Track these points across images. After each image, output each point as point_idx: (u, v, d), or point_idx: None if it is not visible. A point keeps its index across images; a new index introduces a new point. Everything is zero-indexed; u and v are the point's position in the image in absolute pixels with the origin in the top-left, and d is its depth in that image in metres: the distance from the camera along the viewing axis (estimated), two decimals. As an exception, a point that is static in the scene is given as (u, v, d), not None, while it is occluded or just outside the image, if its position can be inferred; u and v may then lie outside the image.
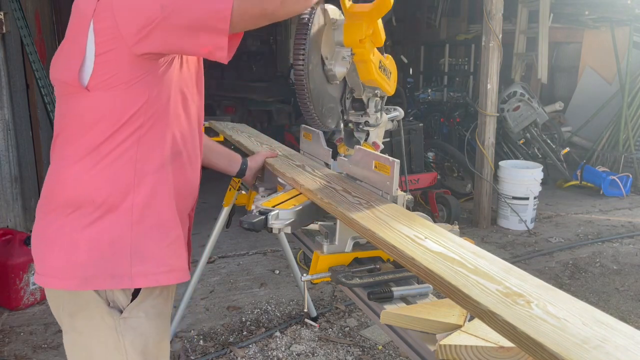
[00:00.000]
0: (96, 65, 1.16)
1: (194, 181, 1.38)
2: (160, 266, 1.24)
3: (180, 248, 1.30)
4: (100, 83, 1.17)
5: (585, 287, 3.59)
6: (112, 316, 1.23)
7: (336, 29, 1.46)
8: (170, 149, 1.27)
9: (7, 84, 3.73)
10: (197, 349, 2.75)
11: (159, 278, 1.24)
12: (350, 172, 1.59)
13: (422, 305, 1.18)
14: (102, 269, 1.20)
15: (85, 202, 1.20)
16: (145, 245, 1.23)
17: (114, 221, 1.21)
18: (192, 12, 1.10)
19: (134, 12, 1.12)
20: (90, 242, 1.20)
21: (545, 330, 0.75)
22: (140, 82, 1.18)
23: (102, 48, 1.14)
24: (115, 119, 1.19)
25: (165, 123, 1.25)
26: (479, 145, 4.70)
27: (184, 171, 1.32)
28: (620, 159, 6.13)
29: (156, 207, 1.24)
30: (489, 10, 4.46)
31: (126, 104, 1.18)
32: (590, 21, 6.58)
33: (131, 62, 1.15)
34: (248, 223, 1.33)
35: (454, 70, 8.17)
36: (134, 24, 1.12)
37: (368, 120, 1.59)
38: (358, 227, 1.20)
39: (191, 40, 1.14)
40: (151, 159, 1.24)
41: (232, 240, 4.22)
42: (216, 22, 1.10)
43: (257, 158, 1.87)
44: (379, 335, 2.85)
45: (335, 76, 1.48)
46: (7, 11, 3.74)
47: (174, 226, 1.28)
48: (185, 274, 1.31)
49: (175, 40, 1.14)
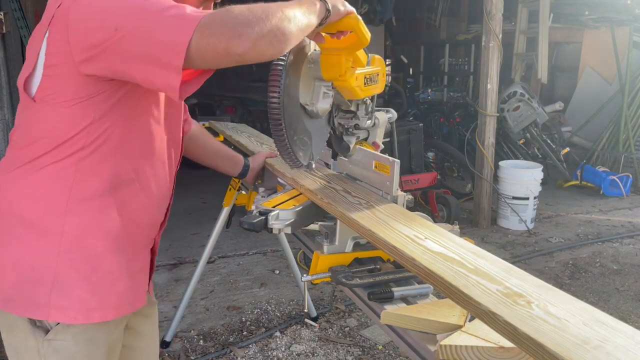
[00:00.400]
0: (44, 78, 1.09)
1: (156, 208, 1.29)
2: (82, 302, 1.13)
3: (116, 282, 1.18)
4: (46, 96, 1.10)
5: (585, 287, 3.59)
6: (35, 337, 1.14)
7: (312, 65, 1.34)
8: (118, 177, 1.17)
9: (7, 84, 3.73)
10: (197, 349, 2.75)
11: (78, 316, 1.13)
12: (350, 172, 1.59)
13: (422, 306, 1.18)
14: (22, 293, 1.12)
15: (15, 219, 1.13)
16: (70, 277, 1.12)
17: (40, 245, 1.12)
18: (145, 41, 0.99)
19: (87, 29, 1.03)
20: (15, 261, 1.12)
21: (546, 330, 0.75)
22: (85, 102, 1.09)
23: (51, 60, 1.08)
24: (56, 136, 1.11)
25: (115, 149, 1.15)
26: (479, 145, 4.70)
27: (138, 200, 1.22)
28: (620, 159, 6.13)
29: (89, 237, 1.14)
30: (489, 10, 4.46)
31: (69, 122, 1.10)
32: (590, 21, 6.58)
33: (78, 80, 1.07)
34: (248, 223, 1.33)
35: (454, 70, 8.16)
36: (84, 41, 1.03)
37: (358, 123, 1.50)
38: (358, 227, 1.20)
39: (141, 71, 1.02)
40: (90, 185, 1.14)
41: (232, 240, 4.22)
42: (169, 57, 0.97)
43: (257, 158, 1.88)
44: (379, 335, 2.85)
45: (318, 114, 1.38)
46: (7, 11, 3.74)
47: (110, 259, 1.17)
48: (114, 310, 1.18)
49: (124, 67, 1.03)
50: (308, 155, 1.39)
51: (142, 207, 1.23)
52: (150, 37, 0.98)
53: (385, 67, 1.50)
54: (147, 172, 1.23)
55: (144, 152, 1.22)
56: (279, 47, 1.02)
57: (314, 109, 1.35)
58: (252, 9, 0.98)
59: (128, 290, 1.21)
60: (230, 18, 0.96)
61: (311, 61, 1.34)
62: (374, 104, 1.53)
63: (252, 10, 0.98)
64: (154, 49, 0.98)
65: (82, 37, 1.04)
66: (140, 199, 1.22)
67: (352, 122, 1.50)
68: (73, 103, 1.09)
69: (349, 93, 1.38)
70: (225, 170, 1.80)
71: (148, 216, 1.26)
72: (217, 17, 0.97)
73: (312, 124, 1.41)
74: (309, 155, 1.40)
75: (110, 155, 1.15)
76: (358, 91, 1.36)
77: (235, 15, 0.96)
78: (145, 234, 1.27)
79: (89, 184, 1.14)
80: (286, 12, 1.02)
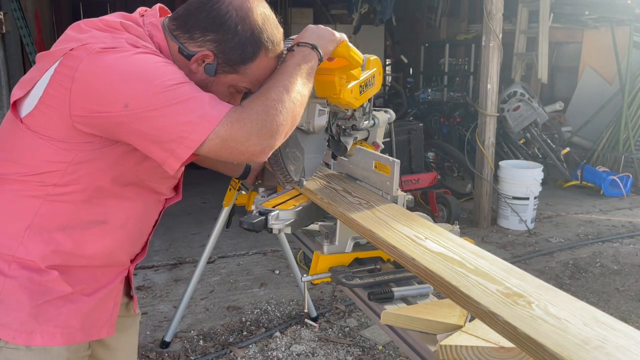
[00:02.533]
0: (36, 108, 1.07)
1: (127, 247, 1.25)
2: (25, 324, 1.10)
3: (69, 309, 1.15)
4: (33, 125, 1.08)
5: (586, 287, 3.59)
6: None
7: None
8: (82, 219, 1.14)
9: (7, 84, 3.73)
10: (197, 349, 2.74)
11: (18, 336, 1.10)
12: (350, 172, 1.59)
13: (422, 306, 1.18)
14: None
15: None
16: (16, 297, 1.10)
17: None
18: (158, 124, 0.99)
19: (91, 94, 1.01)
20: None
21: (546, 330, 0.75)
22: (70, 145, 1.07)
23: (48, 100, 1.05)
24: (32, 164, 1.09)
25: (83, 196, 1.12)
26: (479, 145, 4.70)
27: (102, 241, 1.18)
28: (621, 159, 6.12)
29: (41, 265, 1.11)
30: (489, 10, 4.46)
31: (48, 157, 1.08)
32: (590, 21, 6.57)
33: (68, 127, 1.05)
34: (248, 223, 1.33)
35: (454, 70, 8.16)
36: (85, 103, 1.02)
37: (355, 124, 1.50)
38: (358, 227, 1.20)
39: (143, 145, 1.03)
40: (52, 220, 1.11)
41: (232, 240, 4.22)
42: (177, 146, 0.99)
43: (258, 159, 1.87)
44: (379, 336, 2.84)
45: (314, 131, 1.37)
46: (7, 11, 3.75)
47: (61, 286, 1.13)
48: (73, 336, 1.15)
49: (125, 137, 1.04)
50: (300, 172, 1.39)
51: (109, 246, 1.20)
52: (163, 124, 0.99)
53: (381, 66, 1.49)
54: (122, 215, 1.20)
55: (123, 197, 1.19)
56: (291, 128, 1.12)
57: (310, 128, 1.35)
58: (269, 106, 1.05)
59: (82, 319, 1.18)
60: (251, 129, 1.01)
61: None
62: (371, 104, 1.52)
63: (269, 107, 1.05)
64: (163, 134, 0.99)
65: (83, 99, 1.02)
66: (108, 239, 1.19)
67: (349, 123, 1.50)
68: (57, 142, 1.07)
69: (345, 106, 1.39)
70: (226, 172, 1.80)
71: (116, 253, 1.23)
72: (236, 127, 1.00)
73: (306, 140, 1.40)
74: (300, 171, 1.39)
75: (81, 200, 1.13)
76: (354, 102, 1.37)
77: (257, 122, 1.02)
78: (111, 268, 1.24)
79: (52, 219, 1.12)
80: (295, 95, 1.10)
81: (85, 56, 1.02)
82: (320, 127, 1.37)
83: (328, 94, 1.31)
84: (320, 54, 1.18)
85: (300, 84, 1.12)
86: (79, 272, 1.17)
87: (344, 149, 1.52)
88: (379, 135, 1.65)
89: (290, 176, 1.36)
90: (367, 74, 1.41)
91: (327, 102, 1.35)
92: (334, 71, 1.27)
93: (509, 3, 4.77)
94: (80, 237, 1.15)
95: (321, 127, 1.38)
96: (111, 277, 1.25)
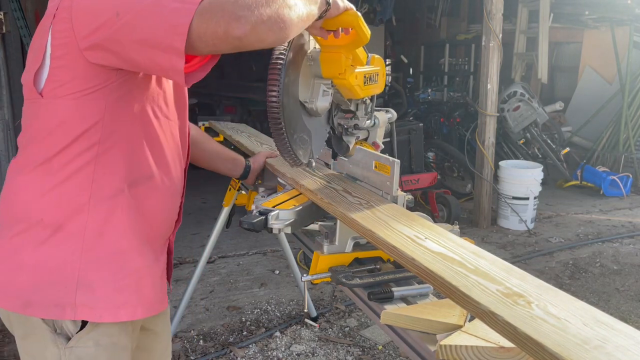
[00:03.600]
0: (51, 70, 1.08)
1: (170, 205, 1.28)
2: (108, 301, 1.13)
3: (143, 280, 1.18)
4: (54, 90, 1.08)
5: (586, 287, 3.59)
6: (56, 345, 1.13)
7: (312, 63, 1.33)
8: (136, 172, 1.16)
9: (7, 84, 3.73)
10: (197, 349, 2.75)
11: (104, 314, 1.12)
12: (350, 172, 1.59)
13: (422, 306, 1.18)
14: (44, 295, 1.10)
15: (33, 221, 1.11)
16: (96, 275, 1.12)
17: (63, 245, 1.11)
18: (147, 25, 0.98)
19: (89, 15, 1.04)
20: (36, 265, 1.11)
21: (546, 330, 0.75)
22: (96, 93, 1.08)
23: (57, 51, 1.07)
24: (69, 131, 1.09)
25: (130, 143, 1.15)
26: (479, 145, 4.70)
27: (155, 196, 1.21)
28: (621, 159, 6.12)
29: (112, 235, 1.13)
30: (489, 10, 4.46)
31: (81, 116, 1.09)
32: (590, 21, 6.58)
33: (85, 70, 1.06)
34: (248, 223, 1.33)
35: (454, 70, 8.16)
36: (87, 28, 1.03)
37: (357, 123, 1.50)
38: (358, 227, 1.20)
39: (145, 56, 1.02)
40: (110, 181, 1.13)
41: (232, 240, 4.22)
42: (171, 39, 0.96)
43: (258, 158, 1.88)
44: (379, 335, 2.85)
45: (317, 112, 1.36)
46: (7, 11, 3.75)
47: (134, 257, 1.17)
48: (144, 308, 1.18)
49: (128, 53, 1.03)
50: (308, 154, 1.39)
51: (160, 203, 1.23)
52: (152, 22, 0.98)
53: (385, 67, 1.50)
54: (163, 167, 1.22)
55: (159, 147, 1.21)
56: (279, 34, 1.00)
57: (314, 107, 1.35)
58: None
59: (153, 291, 1.21)
60: (230, 2, 0.95)
61: (311, 59, 1.33)
62: (373, 104, 1.53)
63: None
64: (156, 32, 0.98)
65: (84, 24, 1.04)
66: (157, 195, 1.22)
67: (351, 122, 1.49)
68: (82, 94, 1.08)
69: (348, 92, 1.38)
70: (225, 172, 1.80)
71: (165, 213, 1.26)
72: (216, 0, 0.96)
73: (312, 122, 1.41)
74: (308, 153, 1.40)
75: (127, 150, 1.15)
76: (358, 90, 1.36)
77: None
78: (162, 232, 1.27)
79: (108, 182, 1.13)
80: (287, 0, 1.01)
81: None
82: (323, 109, 1.37)
83: (334, 74, 1.31)
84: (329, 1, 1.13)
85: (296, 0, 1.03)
86: (145, 240, 1.19)
87: (346, 149, 1.52)
88: (379, 135, 1.65)
89: (300, 160, 1.36)
90: (371, 68, 1.42)
91: (332, 83, 1.35)
92: (341, 49, 1.27)
93: (509, 3, 4.77)
94: (139, 195, 1.17)
95: (324, 108, 1.37)
96: (163, 243, 1.28)
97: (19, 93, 1.18)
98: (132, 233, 1.16)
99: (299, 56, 1.30)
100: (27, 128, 1.16)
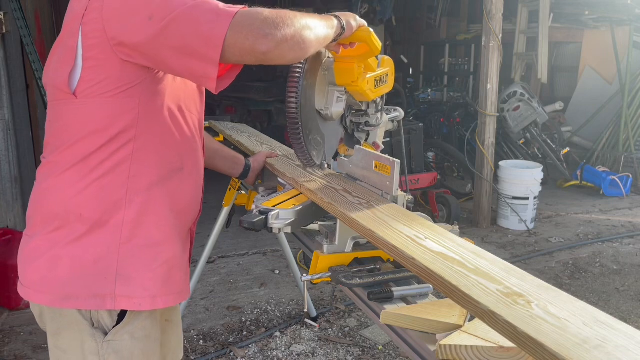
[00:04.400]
0: (84, 70, 1.11)
1: (196, 196, 1.33)
2: (146, 290, 1.17)
3: (173, 269, 1.24)
4: (88, 89, 1.12)
5: (585, 287, 3.59)
6: (94, 339, 1.17)
7: (326, 72, 1.43)
8: (168, 165, 1.22)
9: (7, 84, 3.73)
10: (197, 349, 2.75)
11: (143, 302, 1.17)
12: (351, 172, 1.59)
13: (422, 305, 1.18)
14: (84, 287, 1.14)
15: (71, 217, 1.14)
16: (133, 266, 1.16)
17: (101, 239, 1.15)
18: (182, 33, 1.03)
19: (121, 15, 1.07)
20: (74, 258, 1.14)
21: (546, 330, 0.75)
22: (130, 90, 1.12)
23: (90, 52, 1.10)
24: (105, 130, 1.13)
25: (162, 137, 1.20)
26: (479, 145, 4.70)
27: (184, 187, 1.27)
28: (620, 159, 6.13)
29: (148, 227, 1.18)
30: (489, 10, 4.46)
31: (116, 113, 1.13)
32: (590, 21, 6.58)
33: (118, 68, 1.10)
34: (248, 223, 1.33)
35: (454, 70, 8.16)
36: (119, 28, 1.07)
37: (368, 120, 1.58)
38: (358, 227, 1.20)
39: (179, 62, 1.07)
40: (146, 175, 1.18)
41: (232, 240, 4.22)
42: (207, 49, 1.02)
43: (258, 158, 1.88)
44: (379, 335, 2.85)
45: (332, 118, 1.47)
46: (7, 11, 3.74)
47: (167, 247, 1.22)
48: (175, 297, 1.24)
49: (162, 58, 1.08)
50: (321, 155, 1.49)
51: (189, 194, 1.28)
52: (188, 30, 1.03)
53: (393, 66, 1.60)
54: (190, 159, 1.28)
55: (186, 139, 1.26)
56: (299, 52, 1.10)
57: (329, 113, 1.46)
58: (280, 14, 1.06)
59: (183, 278, 1.27)
60: (260, 19, 1.03)
61: (325, 68, 1.44)
62: (383, 102, 1.61)
63: (280, 14, 1.05)
64: (192, 42, 1.03)
65: (116, 25, 1.07)
66: (187, 186, 1.27)
67: (363, 119, 1.59)
68: (119, 92, 1.12)
69: (360, 96, 1.48)
70: (225, 172, 1.80)
71: (193, 204, 1.31)
72: (248, 16, 1.03)
73: (326, 126, 1.51)
74: (321, 155, 1.49)
75: (159, 145, 1.19)
76: (369, 94, 1.46)
77: (265, 16, 1.03)
78: (188, 223, 1.32)
79: (144, 176, 1.17)
80: (309, 22, 1.11)
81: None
82: (338, 114, 1.48)
83: (346, 82, 1.41)
84: (342, 23, 1.24)
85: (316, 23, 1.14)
86: (177, 231, 1.25)
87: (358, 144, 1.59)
88: (379, 135, 1.65)
89: (313, 161, 1.45)
90: (381, 70, 1.51)
91: (345, 90, 1.45)
92: (354, 59, 1.37)
93: (509, 3, 4.77)
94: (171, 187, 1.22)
95: (339, 113, 1.49)
96: (188, 233, 1.33)
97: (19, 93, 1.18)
98: (166, 224, 1.22)
99: (315, 65, 1.41)
100: (58, 129, 1.18)
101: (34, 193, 1.23)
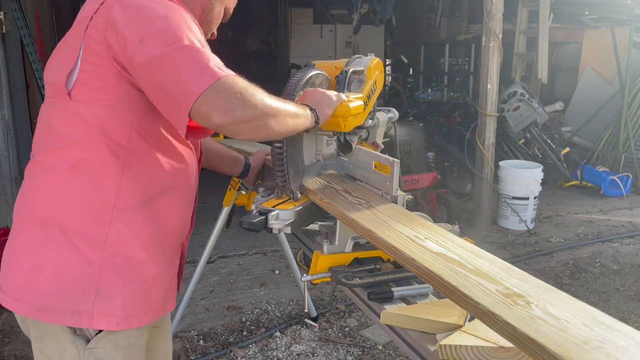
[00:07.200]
0: (81, 72, 1.10)
1: (188, 213, 1.32)
2: (125, 309, 1.15)
3: (154, 288, 1.20)
4: (83, 94, 1.11)
5: (585, 287, 3.59)
6: (76, 346, 1.14)
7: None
8: (158, 184, 1.19)
9: (7, 84, 3.73)
10: (197, 349, 2.75)
11: (121, 322, 1.14)
12: (350, 172, 1.59)
13: (422, 306, 1.18)
14: (62, 301, 1.11)
15: (53, 223, 1.12)
16: (113, 284, 1.13)
17: (83, 253, 1.11)
18: (165, 74, 1.03)
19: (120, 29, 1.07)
20: (55, 269, 1.11)
21: (546, 330, 0.75)
22: (125, 102, 1.11)
23: (89, 56, 1.10)
24: (97, 139, 1.11)
25: (154, 155, 1.17)
26: (479, 145, 4.70)
27: (175, 207, 1.24)
28: (621, 159, 6.12)
29: (133, 246, 1.15)
30: (489, 10, 4.46)
31: (109, 124, 1.11)
32: (590, 21, 6.57)
33: (116, 77, 1.10)
34: (248, 223, 1.33)
35: (454, 70, 8.16)
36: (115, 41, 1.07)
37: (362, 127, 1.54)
38: (358, 227, 1.20)
39: (157, 98, 1.08)
40: (134, 194, 1.15)
41: (232, 240, 4.22)
42: (182, 98, 1.02)
43: (258, 156, 1.87)
44: (379, 335, 2.85)
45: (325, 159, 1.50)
46: (7, 11, 3.74)
47: (151, 267, 1.19)
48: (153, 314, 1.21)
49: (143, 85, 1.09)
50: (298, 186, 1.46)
51: (178, 213, 1.26)
52: (170, 72, 1.04)
53: (382, 67, 1.55)
54: (183, 178, 1.26)
55: (180, 158, 1.24)
56: (258, 135, 1.12)
57: (321, 158, 1.47)
58: (254, 95, 1.06)
59: (163, 295, 1.24)
60: (235, 92, 1.03)
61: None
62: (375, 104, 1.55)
63: (254, 95, 1.06)
64: (170, 84, 1.03)
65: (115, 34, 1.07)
66: (177, 206, 1.25)
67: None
68: (111, 102, 1.11)
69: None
70: (226, 171, 1.80)
71: (182, 222, 1.29)
72: (226, 86, 1.02)
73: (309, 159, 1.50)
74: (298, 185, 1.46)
75: (151, 163, 1.17)
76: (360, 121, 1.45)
77: (236, 91, 1.03)
78: (178, 240, 1.30)
79: (134, 193, 1.15)
80: (278, 111, 1.11)
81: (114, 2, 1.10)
82: (330, 155, 1.51)
83: (334, 129, 1.40)
84: (317, 116, 1.26)
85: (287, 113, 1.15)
86: (163, 249, 1.22)
87: (350, 148, 1.56)
88: (379, 135, 1.65)
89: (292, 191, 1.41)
90: (369, 84, 1.48)
91: (333, 132, 1.45)
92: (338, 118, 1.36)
93: (509, 3, 4.77)
94: (161, 206, 1.20)
95: (331, 154, 1.51)
96: (177, 248, 1.31)
97: (19, 93, 1.18)
98: (152, 244, 1.19)
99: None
100: (48, 128, 1.16)
101: (21, 191, 1.20)
